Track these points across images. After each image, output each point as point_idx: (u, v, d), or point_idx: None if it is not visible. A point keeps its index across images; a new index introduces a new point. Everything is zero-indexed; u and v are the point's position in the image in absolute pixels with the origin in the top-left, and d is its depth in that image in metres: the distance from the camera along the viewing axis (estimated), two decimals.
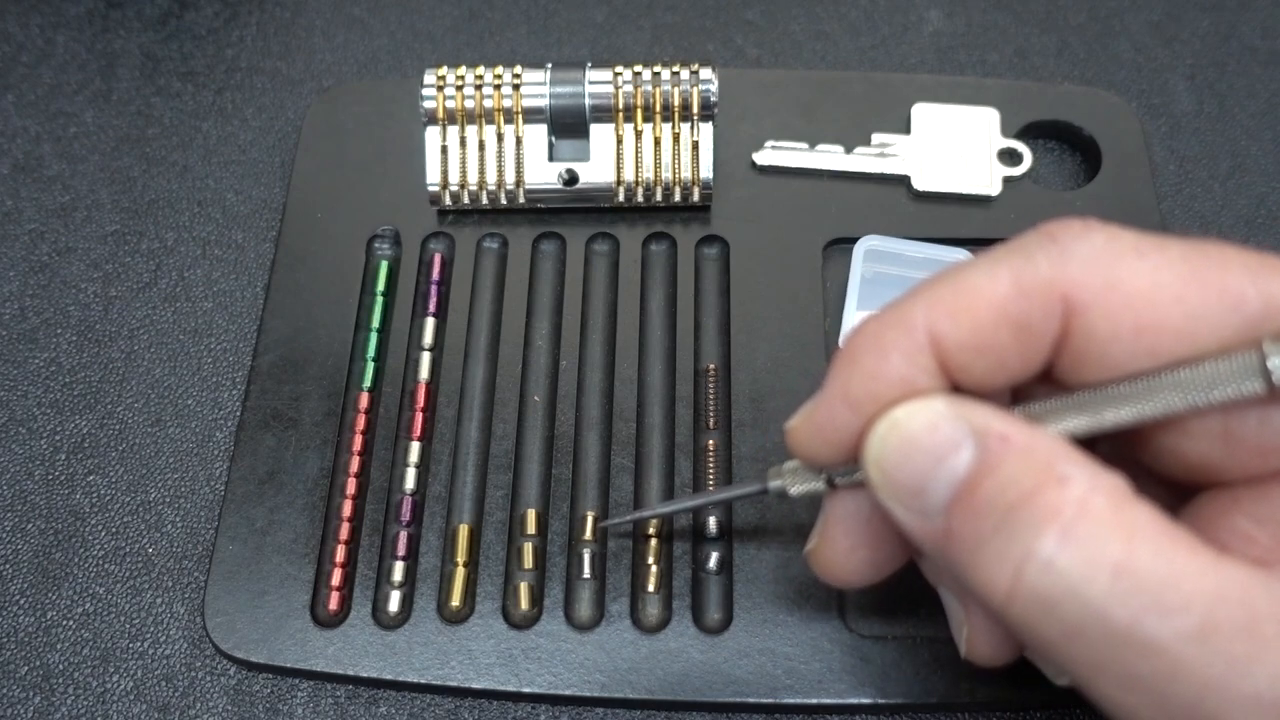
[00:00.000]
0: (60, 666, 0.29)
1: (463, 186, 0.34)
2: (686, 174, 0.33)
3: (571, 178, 0.34)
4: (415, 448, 0.31)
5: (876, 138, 0.36)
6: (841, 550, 0.24)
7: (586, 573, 0.29)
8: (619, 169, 0.34)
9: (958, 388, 0.21)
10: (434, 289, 0.34)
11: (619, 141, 0.33)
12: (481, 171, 0.34)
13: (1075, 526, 0.18)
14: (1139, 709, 0.18)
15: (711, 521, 0.30)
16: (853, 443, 0.21)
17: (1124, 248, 0.20)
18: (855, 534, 0.23)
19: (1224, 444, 0.20)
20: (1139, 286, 0.20)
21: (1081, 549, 0.18)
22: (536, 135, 0.33)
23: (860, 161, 0.35)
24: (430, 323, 0.33)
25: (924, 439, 0.20)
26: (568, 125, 0.33)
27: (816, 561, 0.24)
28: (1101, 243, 0.20)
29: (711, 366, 0.32)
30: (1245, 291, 0.19)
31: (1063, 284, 0.20)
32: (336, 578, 0.29)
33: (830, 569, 0.24)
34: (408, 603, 0.29)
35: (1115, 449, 0.22)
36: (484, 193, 0.34)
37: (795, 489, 0.25)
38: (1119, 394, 0.20)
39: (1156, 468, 0.22)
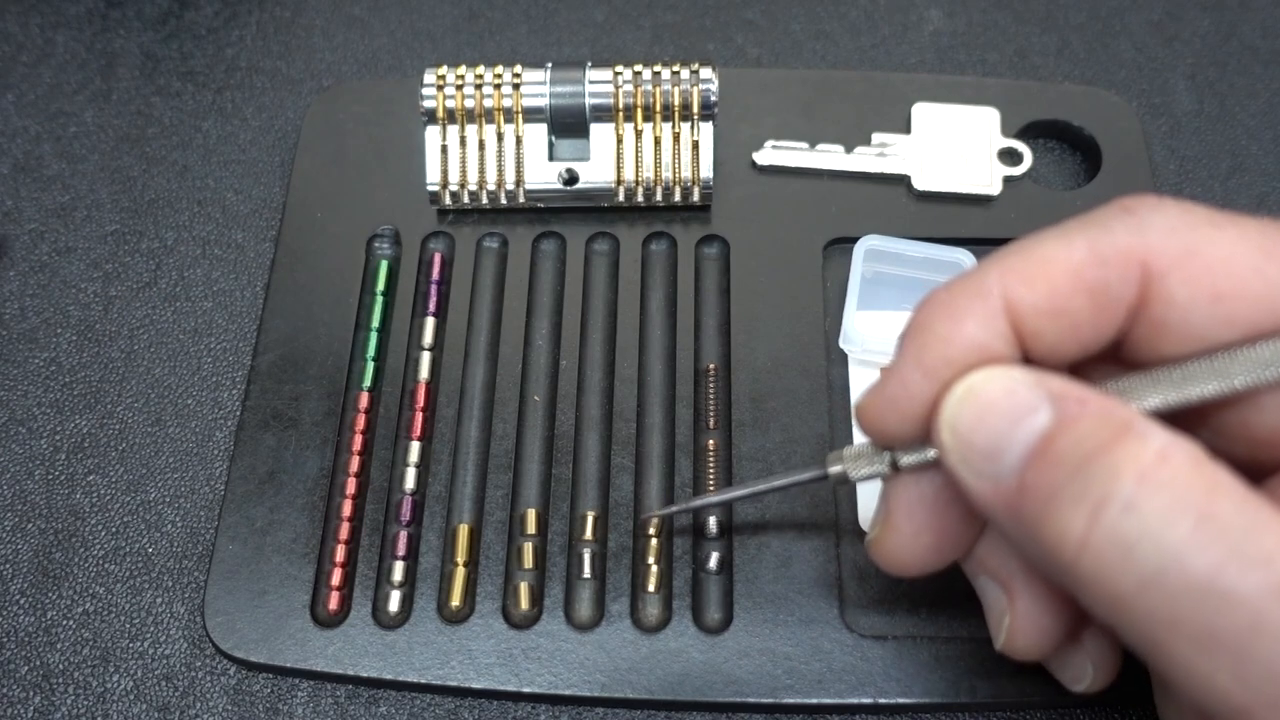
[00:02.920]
0: (60, 666, 0.29)
1: (463, 186, 0.34)
2: (686, 174, 0.33)
3: (571, 177, 0.34)
4: (415, 447, 0.31)
5: (876, 137, 0.36)
6: (905, 537, 0.23)
7: (586, 573, 0.29)
8: (619, 169, 0.34)
9: (1030, 360, 0.21)
10: (434, 289, 0.34)
11: (619, 141, 0.33)
12: (481, 171, 0.34)
13: (1156, 472, 0.18)
14: (1214, 671, 0.17)
15: (712, 521, 0.30)
16: (926, 413, 0.21)
17: (1199, 219, 0.20)
18: (919, 519, 0.23)
19: None
20: (1217, 255, 0.20)
21: (1163, 494, 0.18)
22: (536, 135, 0.33)
23: (860, 161, 0.35)
24: (430, 322, 0.33)
25: (1001, 402, 0.20)
26: (568, 125, 0.33)
27: (879, 550, 0.24)
28: (1177, 214, 0.21)
29: (711, 366, 0.32)
30: None
31: (1141, 251, 0.20)
32: (336, 578, 0.29)
33: (893, 557, 0.24)
34: (408, 603, 0.29)
35: (1182, 428, 0.22)
36: (484, 192, 0.34)
37: (857, 473, 0.24)
38: (1198, 369, 0.20)
39: (1224, 445, 0.21)
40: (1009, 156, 0.36)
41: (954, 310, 0.21)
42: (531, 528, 0.30)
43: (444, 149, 0.33)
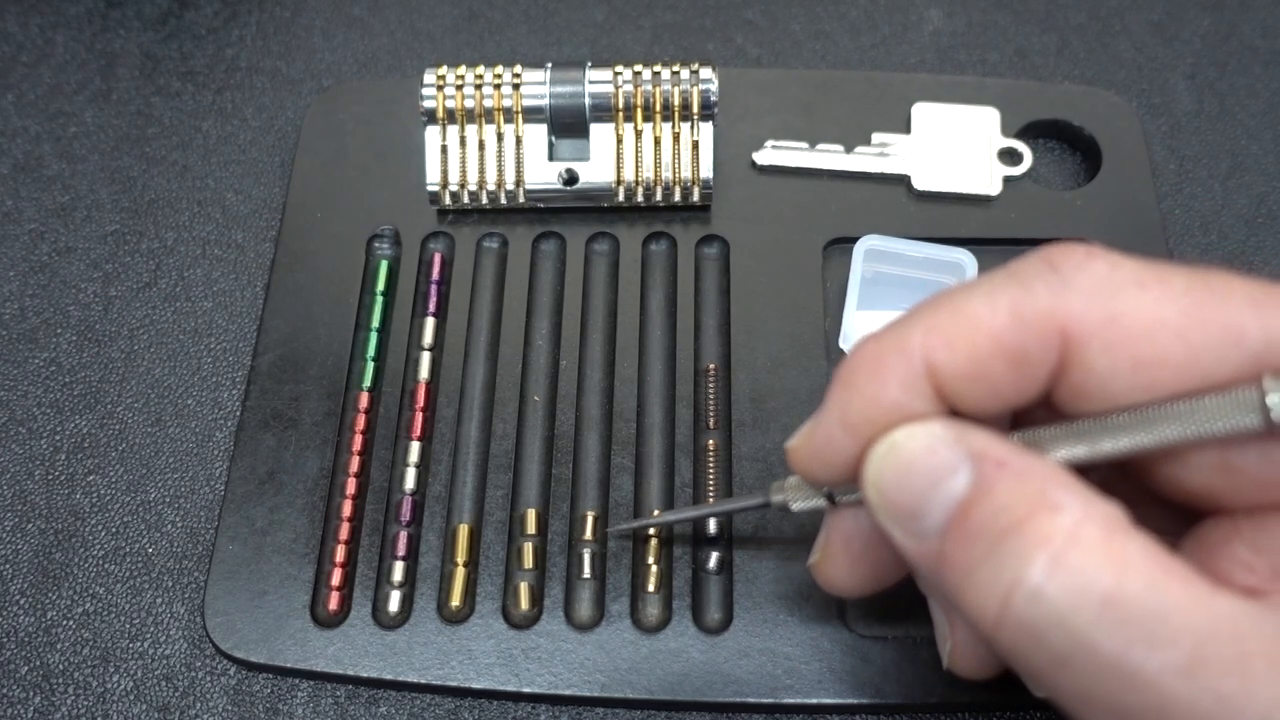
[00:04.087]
0: (60, 666, 0.29)
1: (463, 186, 0.34)
2: (686, 174, 0.33)
3: (571, 177, 0.34)
4: (415, 448, 0.31)
5: (876, 137, 0.36)
6: (843, 565, 0.24)
7: (586, 573, 0.29)
8: (619, 169, 0.34)
9: (956, 412, 0.21)
10: (434, 289, 0.34)
11: (619, 141, 0.33)
12: (481, 171, 0.34)
13: (1065, 555, 0.18)
14: None
15: (712, 522, 0.30)
16: (851, 465, 0.22)
17: (1125, 279, 0.20)
18: (856, 550, 0.24)
19: (1224, 475, 0.20)
20: (1140, 320, 0.20)
21: (1070, 578, 0.18)
22: (536, 135, 0.33)
23: (860, 161, 0.35)
24: (430, 322, 0.33)
25: (921, 462, 0.20)
26: (568, 125, 0.33)
27: (819, 574, 0.25)
28: (1103, 273, 0.20)
29: (711, 366, 0.32)
30: (1247, 326, 0.19)
31: (1061, 315, 0.20)
32: (336, 578, 0.29)
33: (832, 582, 0.25)
34: (408, 603, 0.29)
35: (1119, 472, 0.22)
36: (484, 192, 0.34)
37: (797, 505, 0.25)
38: (1117, 424, 0.20)
39: (1159, 493, 0.22)
40: (1009, 156, 0.36)
41: (878, 370, 0.21)
42: (531, 528, 0.30)
43: (444, 149, 0.33)
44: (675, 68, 0.33)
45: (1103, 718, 0.18)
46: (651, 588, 0.29)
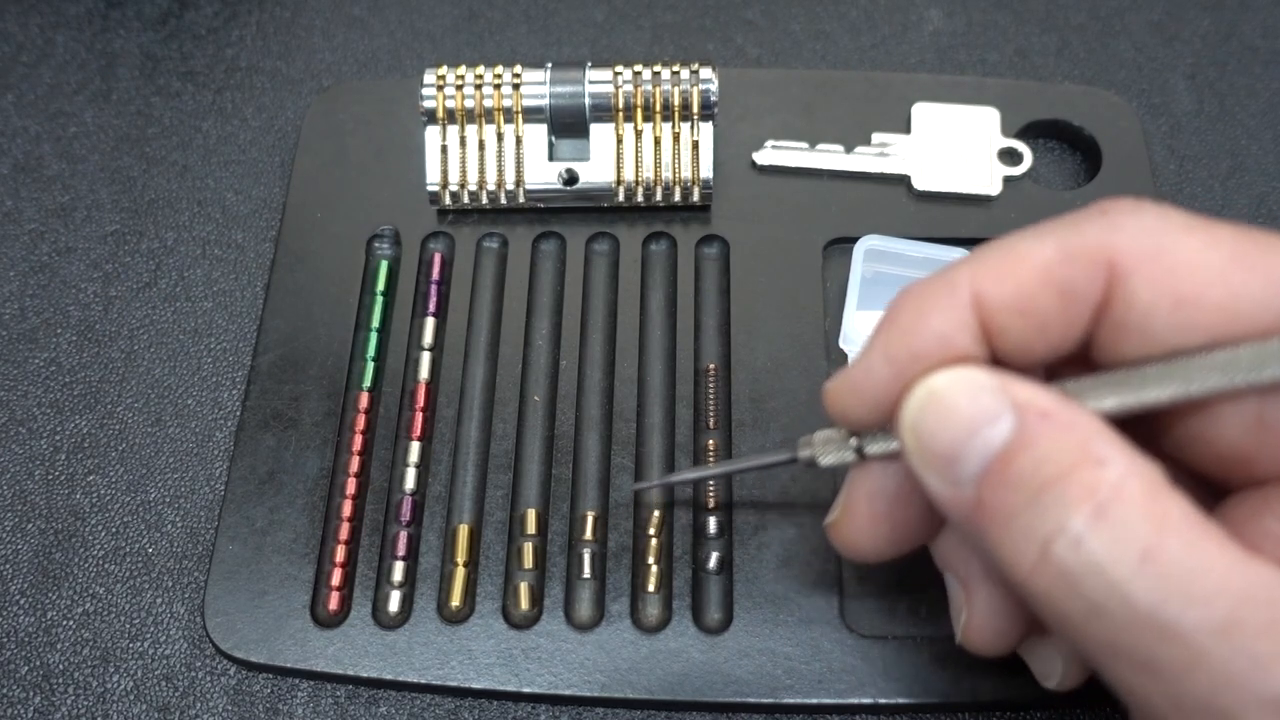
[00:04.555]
0: (60, 666, 0.29)
1: (463, 186, 0.34)
2: (686, 174, 0.33)
3: (571, 177, 0.34)
4: (415, 448, 0.31)
5: (876, 137, 0.36)
6: (863, 524, 0.24)
7: (586, 573, 0.29)
8: (619, 169, 0.34)
9: (998, 359, 0.21)
10: (434, 289, 0.34)
11: (619, 141, 0.33)
12: (481, 171, 0.34)
13: (1109, 507, 0.18)
14: (1153, 696, 0.18)
15: (712, 521, 0.30)
16: (889, 402, 0.21)
17: (1174, 224, 0.20)
18: (878, 508, 0.23)
19: (1257, 434, 0.20)
20: (1184, 259, 0.20)
21: (1112, 529, 0.18)
22: (536, 135, 0.33)
23: (860, 161, 0.35)
24: (430, 322, 0.33)
25: (963, 407, 0.20)
26: (568, 125, 0.33)
27: (836, 534, 0.24)
28: (1152, 216, 0.21)
29: (711, 366, 0.32)
30: None
31: (1108, 250, 0.20)
32: (336, 578, 0.29)
33: (849, 542, 0.24)
34: (408, 603, 0.29)
35: (1148, 443, 0.22)
36: (484, 192, 0.34)
37: (825, 459, 0.24)
38: (1157, 373, 0.20)
39: (1187, 459, 0.22)
40: (1009, 156, 0.36)
41: (922, 303, 0.21)
42: (531, 528, 0.30)
43: (444, 149, 0.33)
44: (675, 68, 0.33)
45: (1130, 671, 0.18)
46: (651, 588, 0.29)
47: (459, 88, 0.33)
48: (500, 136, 0.33)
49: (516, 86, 0.33)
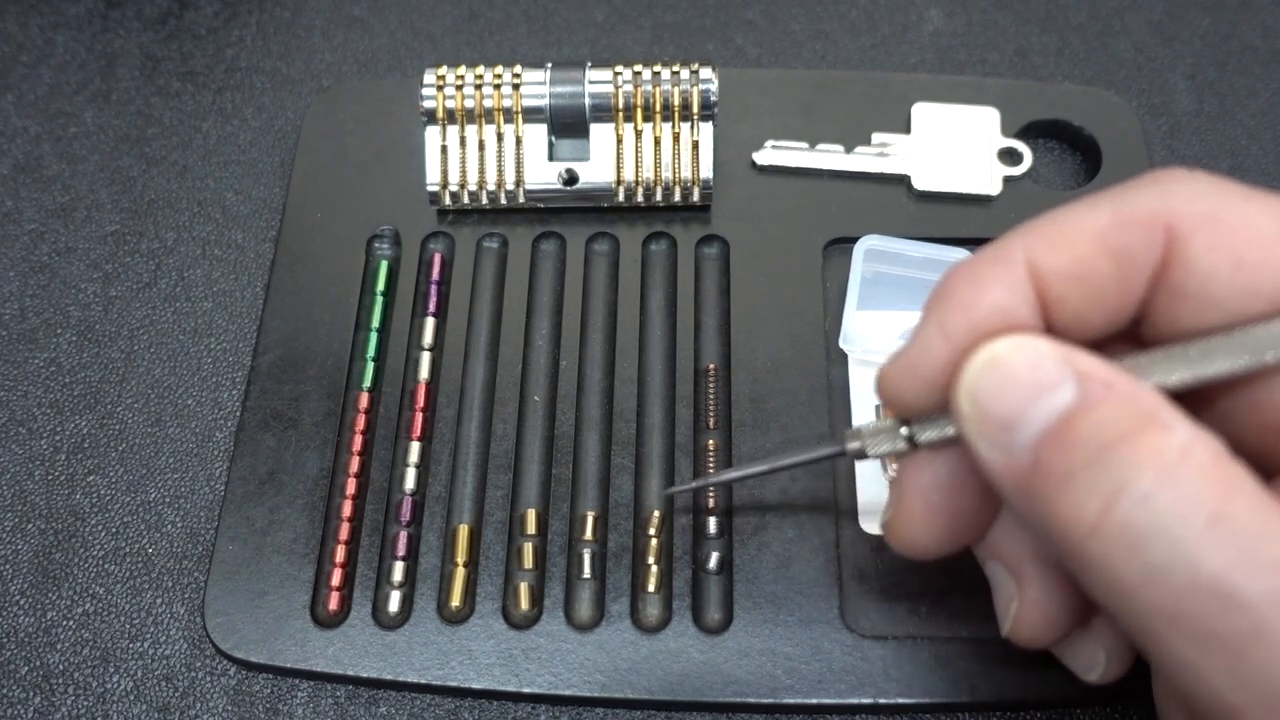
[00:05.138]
0: (60, 666, 0.29)
1: (463, 186, 0.34)
2: (686, 174, 0.33)
3: (571, 177, 0.34)
4: (415, 448, 0.31)
5: (876, 137, 0.36)
6: (918, 518, 0.23)
7: (586, 573, 0.29)
8: (619, 169, 0.34)
9: (1054, 331, 0.21)
10: (434, 289, 0.34)
11: (619, 141, 0.33)
12: (481, 171, 0.34)
13: (1177, 469, 0.18)
14: (1210, 669, 0.17)
15: (712, 521, 0.30)
16: (946, 379, 0.21)
17: (1229, 189, 0.20)
18: (932, 501, 0.23)
19: None
20: (1243, 223, 0.20)
21: (1181, 490, 0.18)
22: (536, 135, 0.33)
23: (860, 161, 0.35)
24: (430, 322, 0.33)
25: (1024, 374, 0.20)
26: (568, 125, 0.33)
27: (893, 533, 0.24)
28: (1207, 183, 0.20)
29: (711, 366, 0.32)
30: None
31: (1165, 214, 0.20)
32: (336, 578, 0.29)
33: (907, 538, 0.24)
34: (408, 603, 0.29)
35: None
36: (484, 192, 0.34)
37: (875, 449, 0.24)
38: (1219, 345, 0.20)
39: (1233, 435, 0.21)
40: (1009, 156, 0.36)
41: (978, 276, 0.21)
42: (531, 528, 0.30)
43: (444, 149, 0.33)
44: (675, 68, 0.33)
45: (1188, 642, 0.18)
46: (651, 588, 0.29)
47: (459, 88, 0.33)
48: (500, 136, 0.33)
49: (516, 86, 0.33)
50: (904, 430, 0.23)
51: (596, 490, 0.31)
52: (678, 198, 0.34)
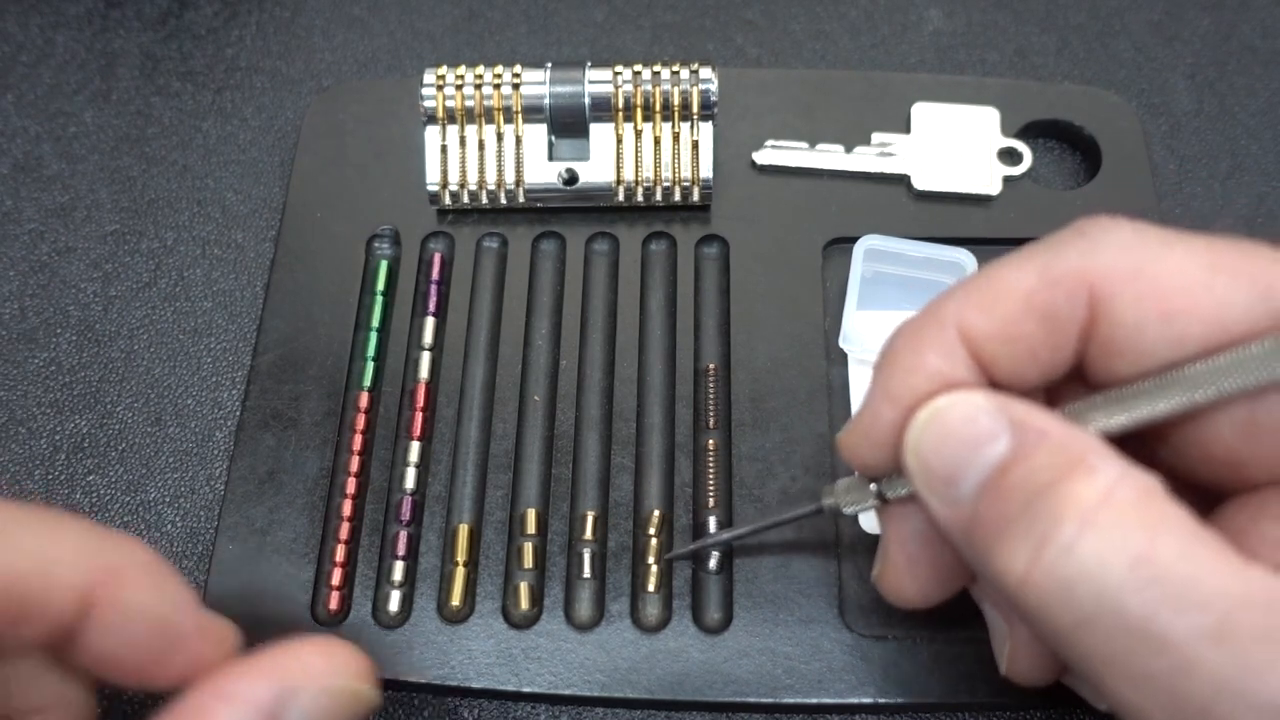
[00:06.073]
0: None
1: (462, 186, 0.34)
2: (686, 173, 0.33)
3: (571, 177, 0.34)
4: (415, 447, 0.31)
5: (876, 137, 0.36)
6: (902, 569, 0.24)
7: (586, 572, 0.29)
8: (619, 168, 0.34)
9: (996, 385, 0.21)
10: (434, 289, 0.34)
11: (619, 141, 0.33)
12: (481, 171, 0.34)
13: (1098, 514, 0.18)
14: (1149, 708, 0.18)
15: (712, 521, 0.30)
16: (896, 440, 0.22)
17: (1150, 239, 0.21)
18: (913, 552, 0.23)
19: (1249, 437, 0.20)
20: (1166, 273, 0.20)
21: (1103, 536, 0.18)
22: (536, 135, 0.33)
23: (860, 161, 0.35)
24: (430, 322, 0.33)
25: (962, 428, 0.20)
26: (567, 125, 0.33)
27: (884, 586, 0.25)
28: (1129, 234, 0.21)
29: (711, 366, 0.32)
30: (1274, 282, 0.20)
31: (1089, 273, 0.20)
32: (336, 578, 0.29)
33: (895, 589, 0.24)
34: (408, 603, 0.29)
35: (1142, 456, 0.22)
36: (484, 192, 0.34)
37: (849, 507, 0.25)
38: (1150, 388, 0.20)
39: (1185, 466, 0.22)
40: (1009, 156, 0.36)
41: (916, 341, 0.22)
42: (531, 528, 0.30)
43: (444, 149, 0.33)
44: (675, 68, 0.33)
45: (1125, 683, 0.18)
46: (651, 588, 0.29)
47: (459, 88, 0.33)
48: (500, 136, 0.33)
49: (516, 86, 0.33)
50: (873, 486, 0.24)
51: (596, 490, 0.31)
52: (677, 197, 0.34)
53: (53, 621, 0.20)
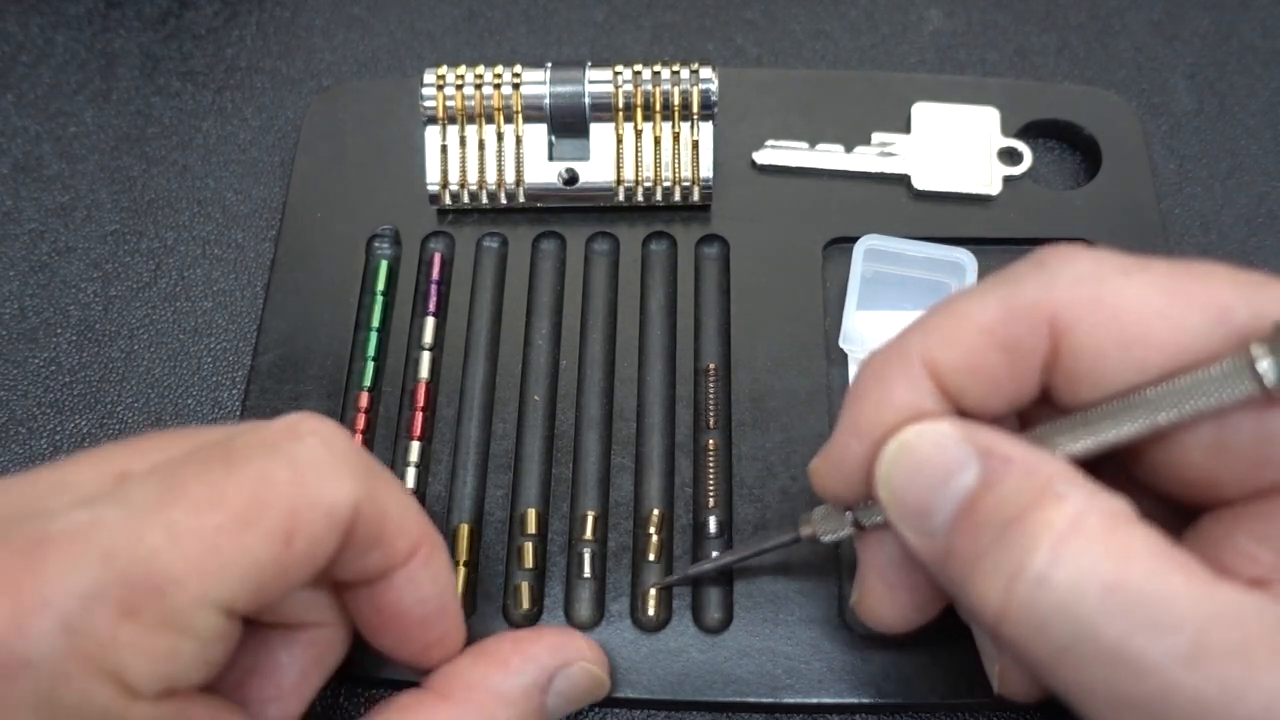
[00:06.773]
0: None
1: (463, 186, 0.34)
2: (686, 173, 0.33)
3: (571, 177, 0.34)
4: (415, 447, 0.31)
5: (876, 137, 0.36)
6: (881, 595, 0.24)
7: (586, 572, 0.29)
8: (619, 168, 0.34)
9: (964, 414, 0.21)
10: (434, 288, 0.34)
11: (619, 141, 0.33)
12: (481, 171, 0.34)
13: (1068, 542, 0.18)
14: None
15: (712, 521, 0.30)
16: (866, 474, 0.22)
17: (1109, 269, 0.21)
18: (891, 578, 0.24)
19: (1218, 457, 0.20)
20: (1124, 302, 0.20)
21: (1073, 564, 0.18)
22: (536, 134, 0.33)
23: (860, 161, 0.35)
24: (430, 322, 0.33)
25: (930, 459, 0.20)
26: (568, 124, 0.33)
27: (863, 612, 0.25)
28: (1087, 264, 0.21)
29: (711, 366, 0.32)
30: (1232, 305, 0.20)
31: (1049, 304, 0.21)
32: None
33: (875, 615, 0.24)
34: None
35: (1119, 474, 0.22)
36: (484, 192, 0.34)
37: (826, 536, 0.25)
38: (1116, 410, 0.20)
39: (1157, 488, 0.22)
40: (1009, 156, 0.36)
41: (882, 375, 0.22)
42: (531, 528, 0.30)
43: (444, 149, 0.33)
44: (675, 67, 0.33)
45: (1106, 710, 0.18)
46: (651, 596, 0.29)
47: (459, 88, 0.33)
48: (500, 136, 0.33)
49: (516, 86, 0.33)
50: (848, 514, 0.24)
51: (596, 490, 0.31)
52: (678, 197, 0.34)
53: (386, 561, 0.22)
